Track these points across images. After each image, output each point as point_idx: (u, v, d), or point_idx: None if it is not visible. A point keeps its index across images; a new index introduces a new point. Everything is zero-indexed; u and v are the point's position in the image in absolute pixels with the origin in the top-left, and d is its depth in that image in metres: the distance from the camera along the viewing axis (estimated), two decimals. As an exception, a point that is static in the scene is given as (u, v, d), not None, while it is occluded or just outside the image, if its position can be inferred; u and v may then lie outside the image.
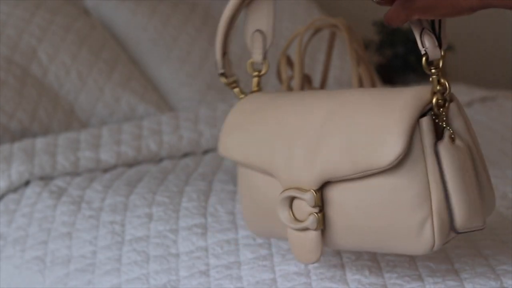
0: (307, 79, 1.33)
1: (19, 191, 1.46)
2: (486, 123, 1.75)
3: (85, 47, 1.89)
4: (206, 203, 1.29)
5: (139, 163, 1.56)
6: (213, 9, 2.15)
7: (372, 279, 1.01)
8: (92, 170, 1.51)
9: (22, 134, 1.70)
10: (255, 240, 1.15)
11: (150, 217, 1.27)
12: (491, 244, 1.06)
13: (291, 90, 1.32)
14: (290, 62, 1.34)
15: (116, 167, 1.54)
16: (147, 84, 1.94)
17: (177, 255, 1.16)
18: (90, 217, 1.31)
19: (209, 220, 1.23)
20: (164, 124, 1.69)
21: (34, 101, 1.75)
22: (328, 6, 2.48)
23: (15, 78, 1.76)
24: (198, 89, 1.99)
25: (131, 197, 1.35)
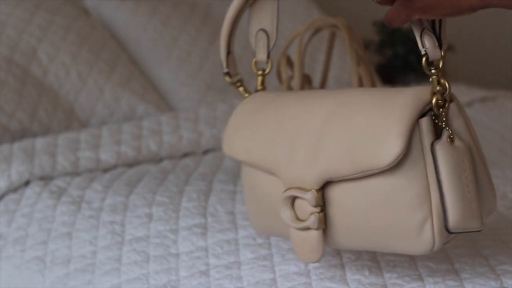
0: (307, 79, 1.32)
1: (19, 191, 1.45)
2: (486, 123, 1.75)
3: (85, 47, 1.89)
4: (206, 203, 1.29)
5: (139, 163, 1.56)
6: (213, 9, 2.15)
7: (372, 279, 1.01)
8: (92, 170, 1.51)
9: (22, 134, 1.70)
10: (255, 240, 1.15)
11: (150, 217, 1.27)
12: (491, 244, 1.06)
13: (291, 90, 1.32)
14: (290, 62, 1.33)
15: (116, 167, 1.54)
16: (147, 84, 1.94)
17: (177, 255, 1.16)
18: (90, 217, 1.31)
19: (209, 220, 1.23)
20: (164, 124, 1.69)
21: (34, 101, 1.75)
22: (328, 6, 2.48)
23: (15, 78, 1.76)
24: (198, 89, 1.99)
25: (131, 197, 1.35)
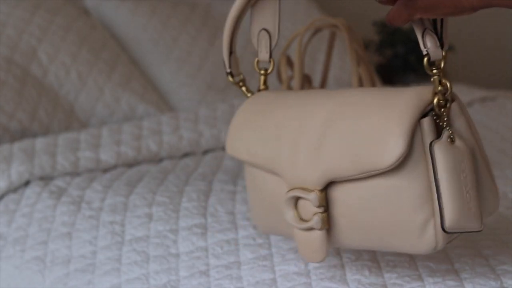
0: (307, 79, 1.32)
1: (19, 191, 1.45)
2: (486, 123, 1.75)
3: (85, 47, 1.89)
4: (206, 203, 1.29)
5: (139, 163, 1.56)
6: (213, 9, 2.15)
7: (372, 279, 1.01)
8: (92, 170, 1.51)
9: (22, 134, 1.70)
10: (255, 240, 1.15)
11: (150, 217, 1.27)
12: (491, 244, 1.06)
13: (291, 90, 1.32)
14: (290, 62, 1.33)
15: (116, 167, 1.54)
16: (147, 84, 1.94)
17: (177, 255, 1.16)
18: (90, 217, 1.31)
19: (209, 220, 1.23)
20: (164, 124, 1.69)
21: (34, 101, 1.75)
22: (328, 6, 2.48)
23: (15, 78, 1.76)
24: (198, 89, 1.99)
25: (131, 197, 1.35)
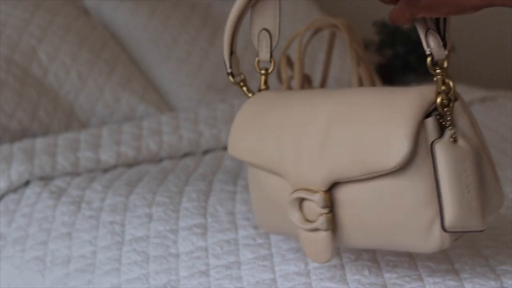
0: (307, 79, 1.32)
1: (19, 191, 1.45)
2: (486, 123, 1.75)
3: (85, 47, 1.89)
4: (206, 203, 1.29)
5: (139, 163, 1.56)
6: (213, 9, 2.15)
7: (372, 279, 1.01)
8: (92, 170, 1.51)
9: (22, 134, 1.70)
10: (255, 240, 1.15)
11: (150, 217, 1.27)
12: (491, 244, 1.06)
13: (291, 90, 1.32)
14: (290, 62, 1.33)
15: (116, 167, 1.54)
16: (147, 84, 1.94)
17: (177, 255, 1.16)
18: (90, 217, 1.31)
19: (209, 220, 1.23)
20: (164, 124, 1.69)
21: (34, 101, 1.75)
22: (328, 6, 2.48)
23: (15, 78, 1.76)
24: (198, 89, 1.99)
25: (131, 197, 1.35)
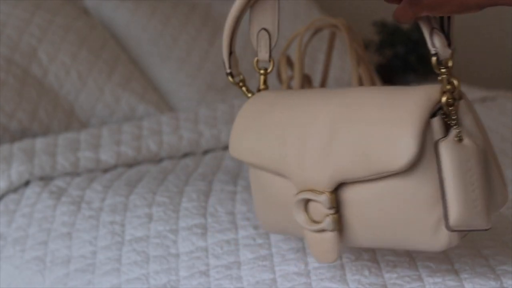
0: (307, 79, 1.32)
1: (19, 191, 1.45)
2: (486, 123, 1.73)
3: (85, 47, 1.89)
4: (206, 203, 1.29)
5: (139, 163, 1.56)
6: (213, 9, 2.15)
7: (372, 279, 1.01)
8: (92, 170, 1.51)
9: (22, 134, 1.70)
10: (255, 240, 1.15)
11: (150, 217, 1.27)
12: (491, 244, 1.06)
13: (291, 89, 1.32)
14: (290, 62, 1.33)
15: (116, 167, 1.54)
16: (147, 84, 1.94)
17: (177, 255, 1.16)
18: (90, 217, 1.31)
19: (209, 220, 1.23)
20: (164, 124, 1.69)
21: (34, 101, 1.75)
22: (328, 6, 2.48)
23: (15, 78, 1.76)
24: (198, 89, 1.99)
25: (131, 197, 1.35)
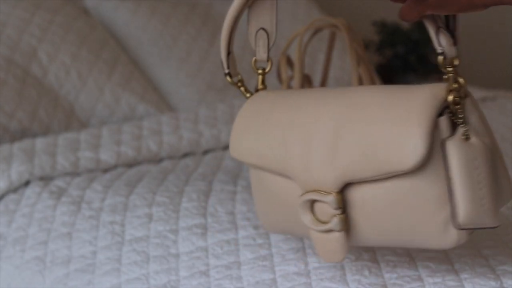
0: (307, 79, 1.32)
1: (19, 191, 1.45)
2: (486, 123, 1.75)
3: (85, 47, 1.89)
4: (206, 203, 1.29)
5: (139, 163, 1.56)
6: (213, 9, 2.15)
7: (372, 279, 1.01)
8: (92, 170, 1.51)
9: (22, 134, 1.70)
10: (255, 240, 1.15)
11: (150, 217, 1.27)
12: (491, 244, 1.06)
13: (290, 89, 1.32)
14: (290, 62, 1.33)
15: (116, 167, 1.54)
16: (147, 84, 1.94)
17: (177, 255, 1.16)
18: (90, 217, 1.31)
19: (209, 220, 1.23)
20: (164, 124, 1.69)
21: (34, 101, 1.75)
22: (328, 6, 2.48)
23: (15, 78, 1.76)
24: (198, 89, 1.99)
25: (131, 197, 1.35)
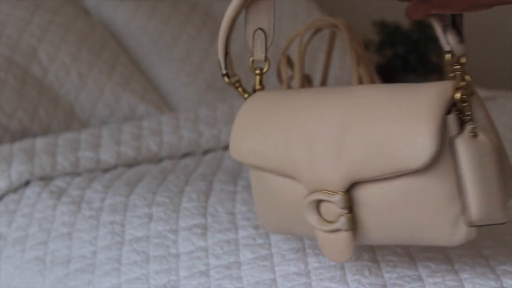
0: (307, 79, 1.32)
1: (19, 191, 1.45)
2: (486, 123, 1.75)
3: (85, 47, 1.89)
4: (206, 203, 1.29)
5: (139, 163, 1.56)
6: (213, 9, 2.15)
7: (372, 279, 1.01)
8: (92, 170, 1.51)
9: (22, 134, 1.70)
10: (255, 240, 1.15)
11: (150, 217, 1.27)
12: (491, 244, 1.06)
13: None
14: (290, 62, 1.33)
15: (116, 167, 1.54)
16: (147, 84, 1.94)
17: (177, 255, 1.16)
18: (90, 217, 1.31)
19: (209, 220, 1.23)
20: (164, 124, 1.69)
21: (34, 101, 1.75)
22: (328, 6, 2.48)
23: (15, 78, 1.76)
24: (198, 89, 1.99)
25: (131, 197, 1.35)
